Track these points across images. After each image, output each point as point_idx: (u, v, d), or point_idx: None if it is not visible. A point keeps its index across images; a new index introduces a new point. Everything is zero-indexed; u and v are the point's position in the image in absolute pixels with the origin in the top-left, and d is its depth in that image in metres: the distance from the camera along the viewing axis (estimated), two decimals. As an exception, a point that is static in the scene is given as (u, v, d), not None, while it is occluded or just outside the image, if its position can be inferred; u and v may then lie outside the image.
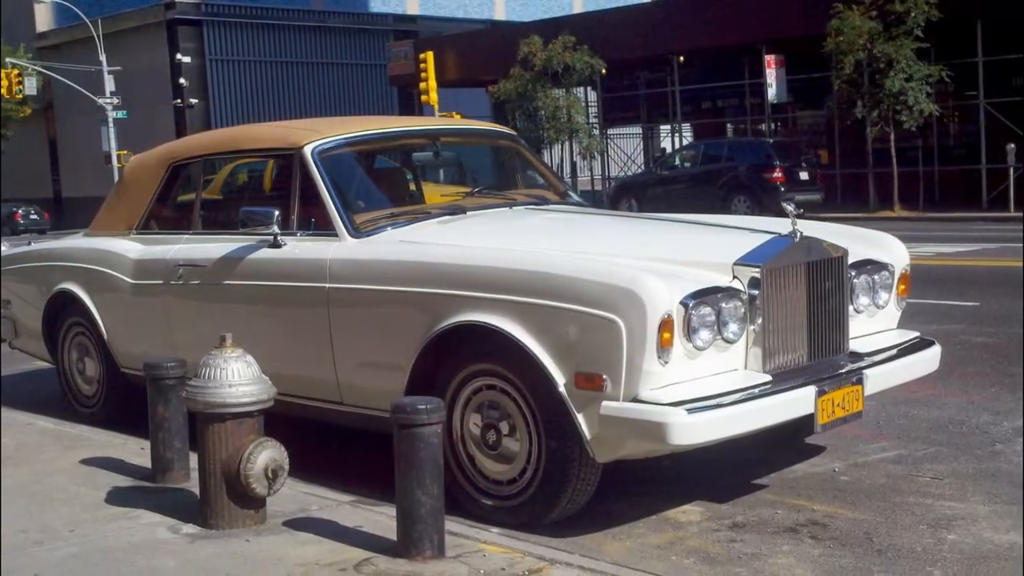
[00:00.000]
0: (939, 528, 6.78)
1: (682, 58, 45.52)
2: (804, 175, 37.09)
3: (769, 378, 6.75)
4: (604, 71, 46.42)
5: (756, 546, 6.60)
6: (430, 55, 49.15)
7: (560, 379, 6.49)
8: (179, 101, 64.79)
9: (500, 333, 6.71)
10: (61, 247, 11.08)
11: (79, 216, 54.39)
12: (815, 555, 6.42)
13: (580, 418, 6.44)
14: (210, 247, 8.90)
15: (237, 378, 6.57)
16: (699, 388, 6.44)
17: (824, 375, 7.01)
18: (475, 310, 6.87)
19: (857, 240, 8.04)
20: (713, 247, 7.31)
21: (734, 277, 6.78)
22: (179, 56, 65.47)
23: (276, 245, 8.21)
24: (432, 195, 9.42)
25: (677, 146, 48.12)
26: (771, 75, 41.27)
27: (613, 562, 6.17)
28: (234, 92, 68.35)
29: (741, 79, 44.22)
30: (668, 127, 51.41)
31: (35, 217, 64.54)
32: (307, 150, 8.36)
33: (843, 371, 7.18)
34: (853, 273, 7.59)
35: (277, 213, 8.07)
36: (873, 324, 7.89)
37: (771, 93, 41.60)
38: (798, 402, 6.72)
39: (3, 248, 15.26)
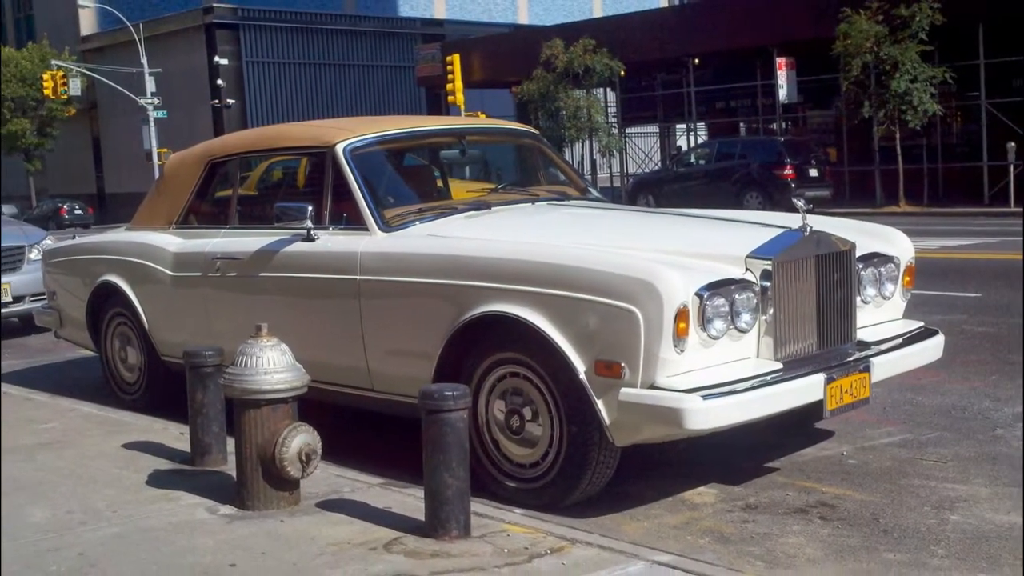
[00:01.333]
0: (942, 509, 6.77)
1: (697, 60, 45.40)
2: (814, 172, 37.10)
3: (780, 366, 6.74)
4: (622, 73, 46.40)
5: (768, 526, 6.59)
6: (456, 57, 49.18)
7: (581, 367, 6.49)
8: (217, 101, 64.89)
9: (523, 323, 6.71)
10: (104, 241, 11.09)
11: (121, 211, 54.48)
12: (824, 535, 6.42)
13: (600, 404, 6.45)
14: (246, 241, 8.92)
15: (272, 366, 6.58)
16: (713, 375, 6.44)
17: (833, 363, 7.00)
18: (499, 301, 6.88)
19: (864, 234, 8.01)
20: (727, 241, 7.29)
21: (747, 269, 6.77)
22: (217, 58, 65.58)
23: (309, 239, 8.22)
24: (458, 191, 9.40)
25: (692, 144, 48.06)
26: (782, 77, 41.17)
27: (631, 541, 6.17)
28: (269, 93, 68.39)
29: (753, 80, 44.10)
30: (684, 126, 51.29)
31: (79, 212, 64.62)
32: (339, 148, 8.37)
33: (851, 359, 7.17)
34: (860, 266, 7.57)
35: (310, 208, 8.08)
36: (879, 314, 7.88)
37: (782, 94, 41.50)
38: (808, 389, 6.71)
39: (49, 242, 15.35)
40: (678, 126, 53.49)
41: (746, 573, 5.73)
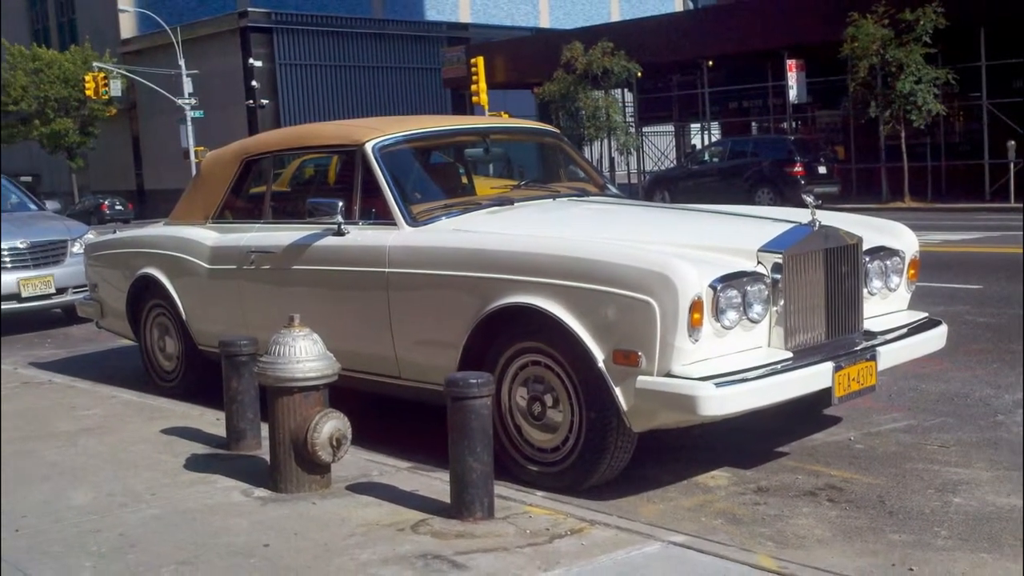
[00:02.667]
0: (945, 492, 6.76)
1: (711, 62, 45.31)
2: (822, 169, 37.00)
3: (790, 355, 6.73)
4: (639, 74, 46.31)
5: (778, 508, 6.59)
6: (480, 59, 49.12)
7: (599, 355, 6.49)
8: (251, 102, 65.02)
9: (545, 314, 6.71)
10: (143, 235, 11.11)
11: (160, 207, 54.79)
12: (832, 516, 6.41)
13: (618, 391, 6.45)
14: (280, 235, 8.92)
15: (304, 355, 6.59)
16: (726, 364, 6.43)
17: (840, 352, 6.99)
18: (522, 293, 6.87)
19: (871, 228, 8.01)
20: (739, 235, 7.28)
21: (758, 262, 6.76)
22: (251, 60, 65.71)
23: (340, 233, 8.23)
24: (482, 188, 9.38)
25: (706, 143, 47.94)
26: (792, 78, 41.08)
27: (648, 523, 6.16)
28: (301, 93, 68.39)
29: (765, 81, 43.97)
30: (698, 125, 51.13)
31: (120, 208, 64.66)
32: (368, 146, 8.38)
33: (858, 348, 7.16)
34: (867, 259, 7.57)
35: (341, 204, 8.09)
36: (885, 305, 7.86)
37: (792, 94, 41.40)
38: (817, 376, 6.70)
39: (91, 236, 15.38)
40: (693, 125, 53.36)
41: (758, 553, 5.72)
